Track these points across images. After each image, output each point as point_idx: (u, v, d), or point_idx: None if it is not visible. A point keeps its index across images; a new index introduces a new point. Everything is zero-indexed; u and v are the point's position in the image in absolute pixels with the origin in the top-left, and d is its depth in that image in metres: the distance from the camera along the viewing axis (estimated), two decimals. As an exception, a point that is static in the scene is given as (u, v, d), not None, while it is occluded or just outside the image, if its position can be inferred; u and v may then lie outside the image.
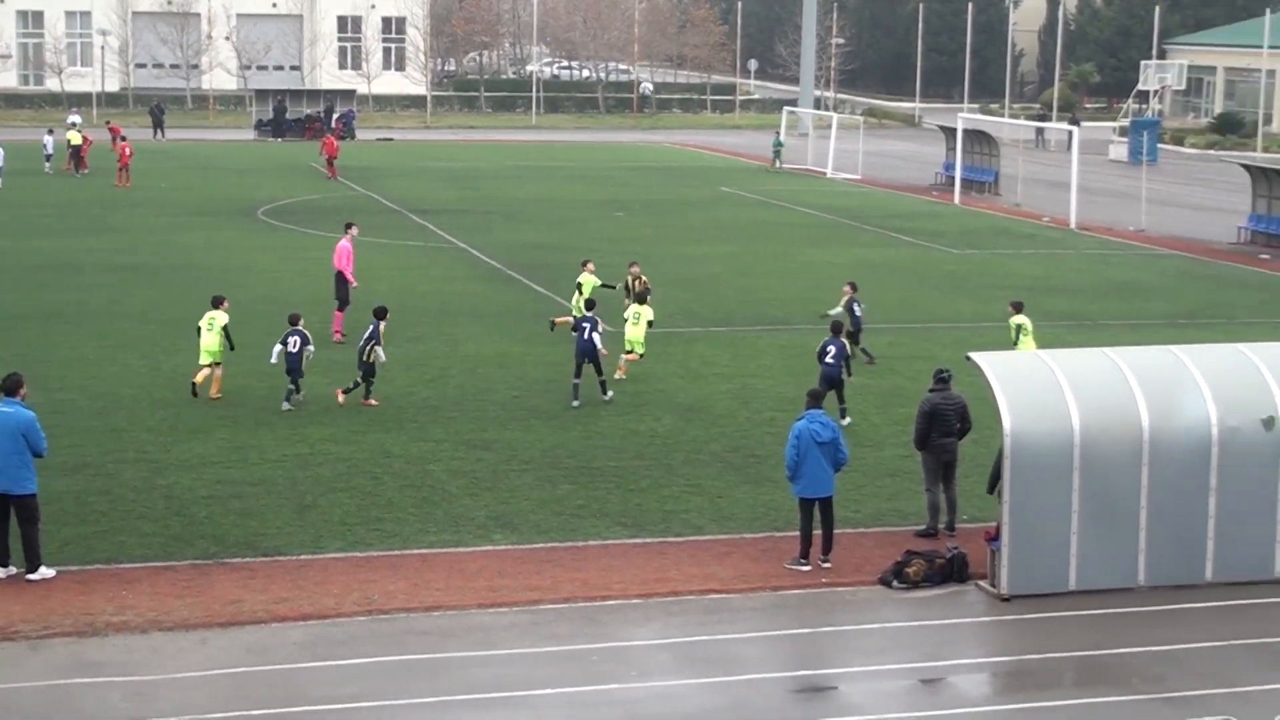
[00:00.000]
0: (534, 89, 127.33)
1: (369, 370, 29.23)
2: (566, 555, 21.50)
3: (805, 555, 21.12)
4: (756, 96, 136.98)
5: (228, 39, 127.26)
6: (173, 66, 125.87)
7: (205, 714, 16.44)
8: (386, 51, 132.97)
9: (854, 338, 32.42)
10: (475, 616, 19.30)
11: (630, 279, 35.09)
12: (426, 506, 23.36)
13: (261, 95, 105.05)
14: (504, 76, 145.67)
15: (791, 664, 18.60)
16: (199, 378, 29.59)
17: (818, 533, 21.18)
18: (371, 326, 29.44)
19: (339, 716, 16.59)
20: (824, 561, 21.16)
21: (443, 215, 59.41)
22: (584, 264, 35.53)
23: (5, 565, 20.15)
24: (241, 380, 30.77)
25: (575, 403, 29.36)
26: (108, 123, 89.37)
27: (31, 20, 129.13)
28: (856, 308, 33.66)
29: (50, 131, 76.84)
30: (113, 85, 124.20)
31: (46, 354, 32.90)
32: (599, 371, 29.71)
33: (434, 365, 32.61)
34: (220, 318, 29.87)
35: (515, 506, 23.47)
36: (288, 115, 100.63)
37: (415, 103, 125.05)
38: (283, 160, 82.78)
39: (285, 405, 28.76)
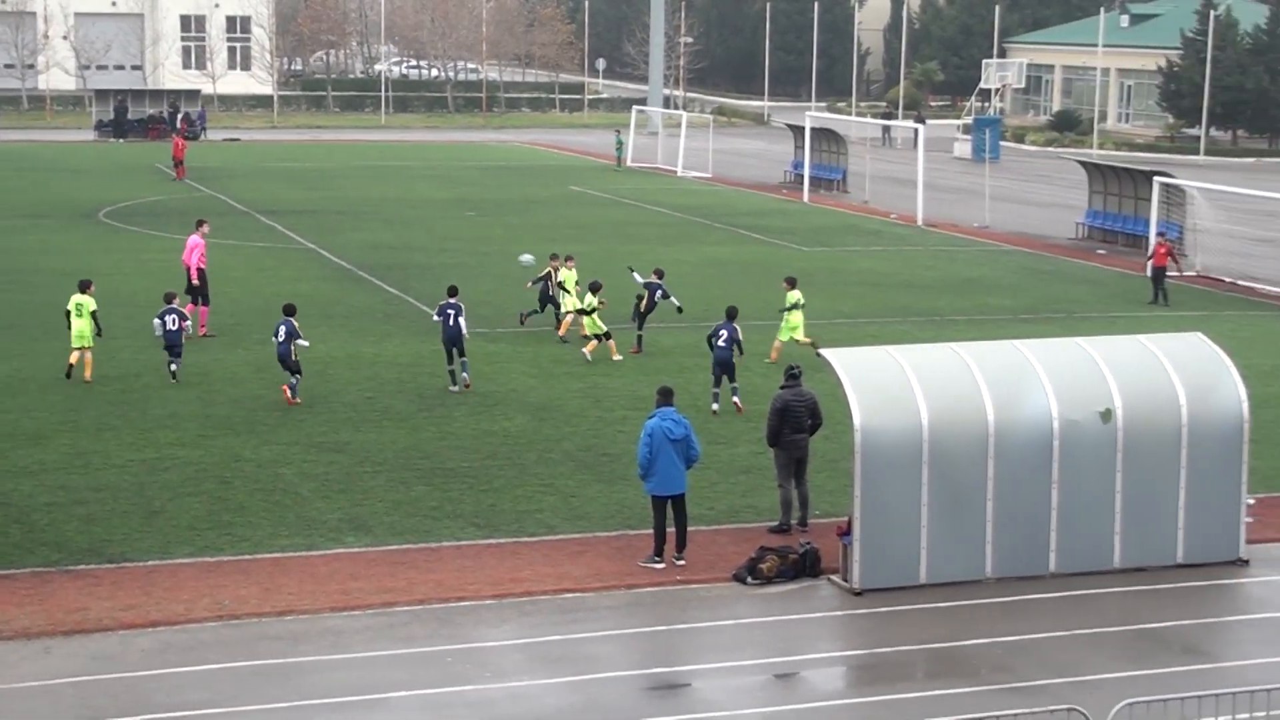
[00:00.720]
0: (383, 88, 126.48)
1: (297, 368, 29.25)
2: (420, 557, 21.39)
3: (659, 553, 21.18)
4: (605, 95, 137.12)
5: (65, 38, 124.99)
6: (7, 66, 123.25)
7: (50, 725, 16.15)
8: (231, 51, 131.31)
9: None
10: (328, 620, 19.14)
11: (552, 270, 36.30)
12: (278, 510, 23.11)
13: (102, 95, 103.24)
14: (352, 76, 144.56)
15: (646, 662, 18.64)
16: (73, 359, 30.34)
17: (671, 530, 21.24)
18: (285, 324, 29.31)
19: (189, 724, 16.37)
20: (678, 559, 21.23)
21: (291, 216, 58.81)
22: (567, 260, 36.41)
23: None
24: (83, 385, 30.23)
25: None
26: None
27: None
28: (657, 294, 34.68)
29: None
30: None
31: (-119, 360, 32.11)
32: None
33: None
34: (88, 303, 30.61)
35: (368, 509, 23.31)
36: (130, 116, 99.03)
37: (262, 102, 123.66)
38: (125, 161, 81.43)
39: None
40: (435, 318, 31.07)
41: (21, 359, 32.45)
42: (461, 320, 30.40)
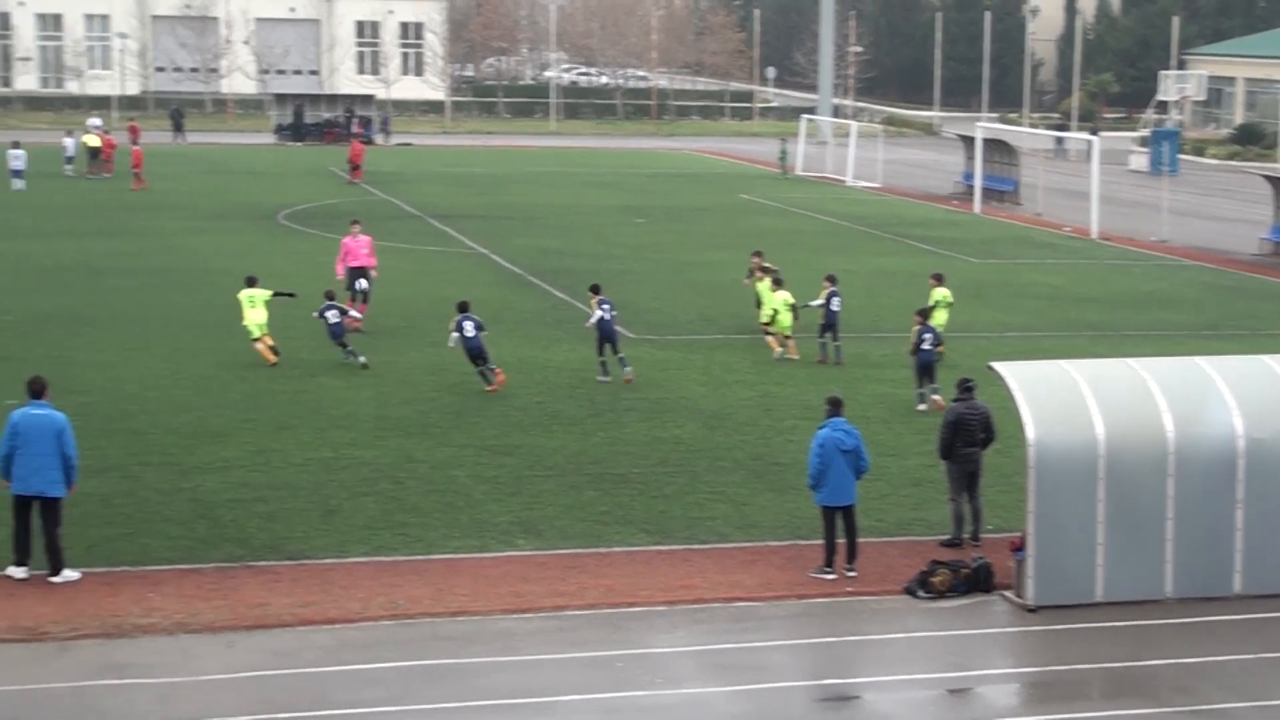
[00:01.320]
0: (553, 95, 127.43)
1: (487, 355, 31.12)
2: (591, 561, 21.49)
3: (830, 563, 21.09)
4: (775, 104, 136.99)
5: (246, 43, 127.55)
6: (192, 70, 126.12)
7: (231, 716, 16.46)
8: (405, 56, 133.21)
9: (829, 331, 34.18)
10: (500, 622, 19.30)
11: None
12: (451, 512, 23.36)
13: (281, 99, 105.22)
14: (523, 82, 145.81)
15: (817, 672, 18.57)
16: (260, 349, 32.22)
17: (841, 541, 21.15)
18: (469, 319, 30.87)
19: (365, 721, 16.61)
20: (849, 570, 21.13)
21: (462, 220, 59.45)
22: (764, 268, 36.89)
23: (25, 565, 20.16)
24: (263, 383, 30.85)
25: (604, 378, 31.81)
26: (129, 123, 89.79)
27: (50, 23, 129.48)
28: (834, 302, 34.23)
29: (70, 134, 77.07)
30: (133, 88, 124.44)
31: (70, 356, 32.96)
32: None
33: (456, 370, 32.58)
34: (260, 292, 32.71)
35: (539, 512, 23.47)
36: (307, 120, 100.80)
37: (434, 108, 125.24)
38: (302, 164, 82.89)
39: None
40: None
41: (206, 358, 33.16)
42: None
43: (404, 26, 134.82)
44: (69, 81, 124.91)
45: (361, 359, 32.49)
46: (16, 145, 68.84)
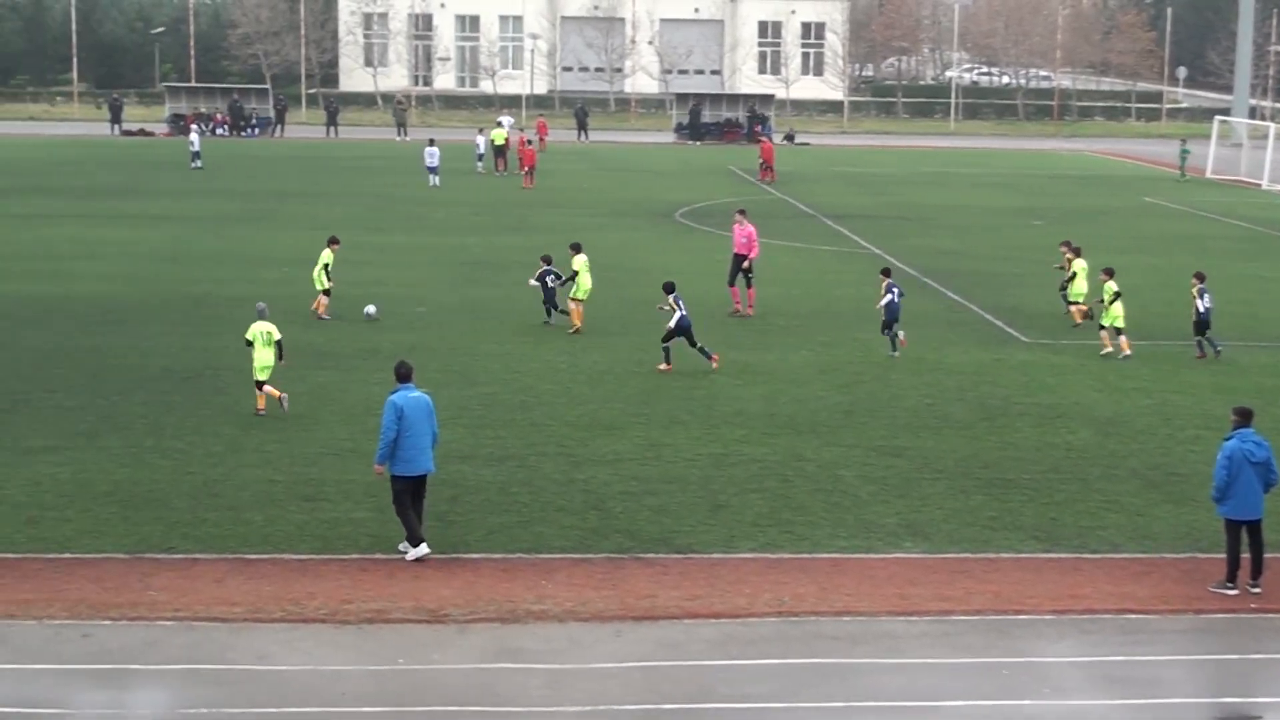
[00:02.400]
0: (953, 95, 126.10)
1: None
2: (979, 566, 21.19)
3: (1232, 579, 20.29)
4: (1185, 105, 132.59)
5: (650, 43, 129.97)
6: (597, 70, 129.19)
7: (618, 705, 16.78)
8: (805, 56, 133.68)
9: (1205, 329, 34.68)
10: (885, 623, 19.19)
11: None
12: (837, 511, 23.34)
13: (681, 99, 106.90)
14: (922, 82, 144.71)
15: (1214, 690, 17.89)
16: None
17: (1246, 556, 20.34)
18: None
19: (748, 716, 16.71)
20: (1253, 586, 20.29)
21: (856, 220, 59.36)
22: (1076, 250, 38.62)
23: (417, 545, 20.93)
24: (656, 379, 31.38)
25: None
26: (538, 120, 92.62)
27: (469, 24, 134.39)
28: (1206, 299, 34.42)
29: (481, 132, 79.89)
30: (541, 88, 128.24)
31: (473, 347, 34.16)
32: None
33: (847, 370, 32.60)
34: (581, 260, 36.33)
35: (926, 515, 23.26)
36: (706, 119, 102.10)
37: (832, 108, 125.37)
38: (701, 163, 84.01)
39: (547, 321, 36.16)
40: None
41: (600, 352, 33.91)
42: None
43: (805, 27, 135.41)
44: (483, 81, 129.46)
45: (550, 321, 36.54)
46: (432, 143, 71.74)
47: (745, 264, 38.66)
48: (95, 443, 25.84)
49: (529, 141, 74.15)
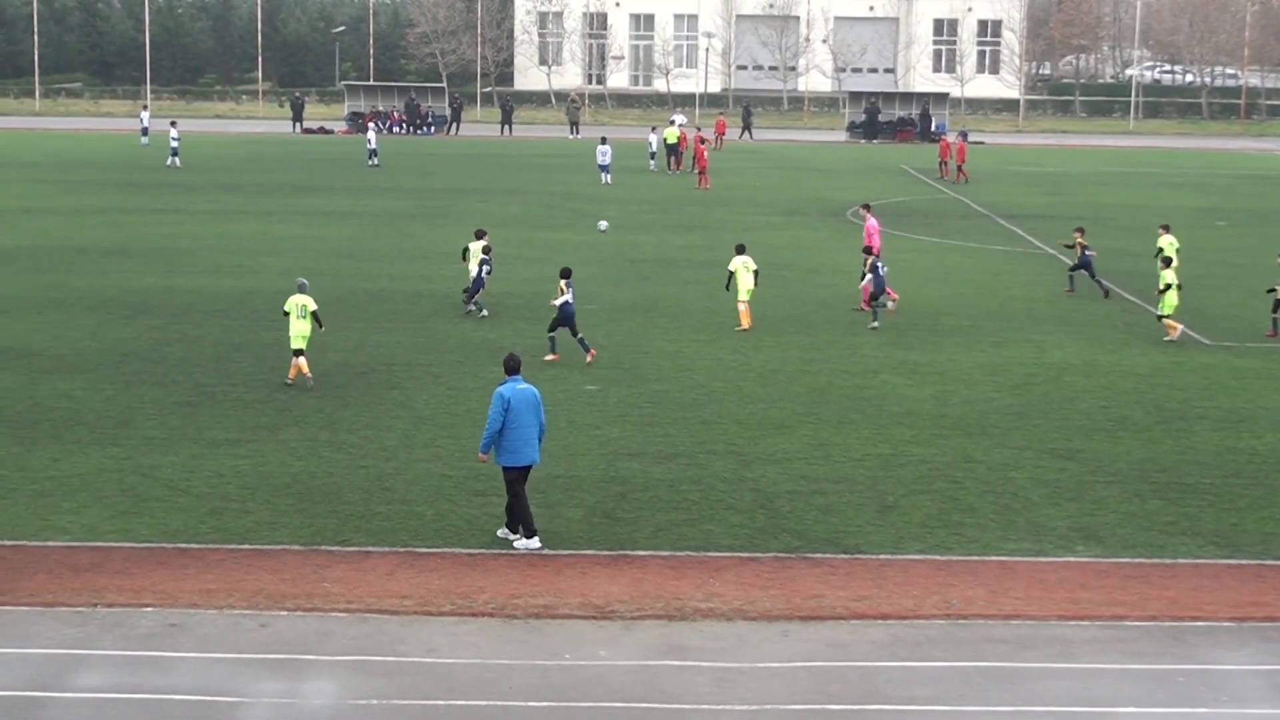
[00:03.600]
0: (1133, 93, 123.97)
1: None
2: (1154, 572, 20.82)
3: None
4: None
5: (825, 41, 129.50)
6: (771, 68, 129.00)
7: (785, 704, 16.75)
8: (980, 54, 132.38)
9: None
10: (1055, 628, 18.93)
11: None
12: (1007, 514, 23.08)
13: (855, 97, 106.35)
14: (1101, 81, 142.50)
15: (1398, 705, 17.39)
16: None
17: None
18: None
19: (914, 718, 16.58)
20: None
21: (1031, 220, 58.62)
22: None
23: (532, 536, 21.14)
24: (826, 378, 31.27)
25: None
26: (718, 118, 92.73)
27: (643, 23, 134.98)
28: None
29: (654, 130, 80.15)
30: (714, 87, 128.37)
31: (645, 345, 34.30)
32: None
33: (1018, 371, 32.22)
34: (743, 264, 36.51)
35: (1100, 519, 22.90)
36: (880, 118, 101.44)
37: (1007, 106, 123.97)
38: (874, 162, 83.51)
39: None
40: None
41: (771, 350, 33.89)
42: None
43: (982, 24, 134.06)
44: (656, 79, 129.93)
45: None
46: (604, 141, 72.14)
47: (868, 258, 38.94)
48: (275, 435, 26.38)
49: (704, 140, 74.20)
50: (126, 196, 62.65)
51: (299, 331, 29.84)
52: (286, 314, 30.08)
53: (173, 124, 79.01)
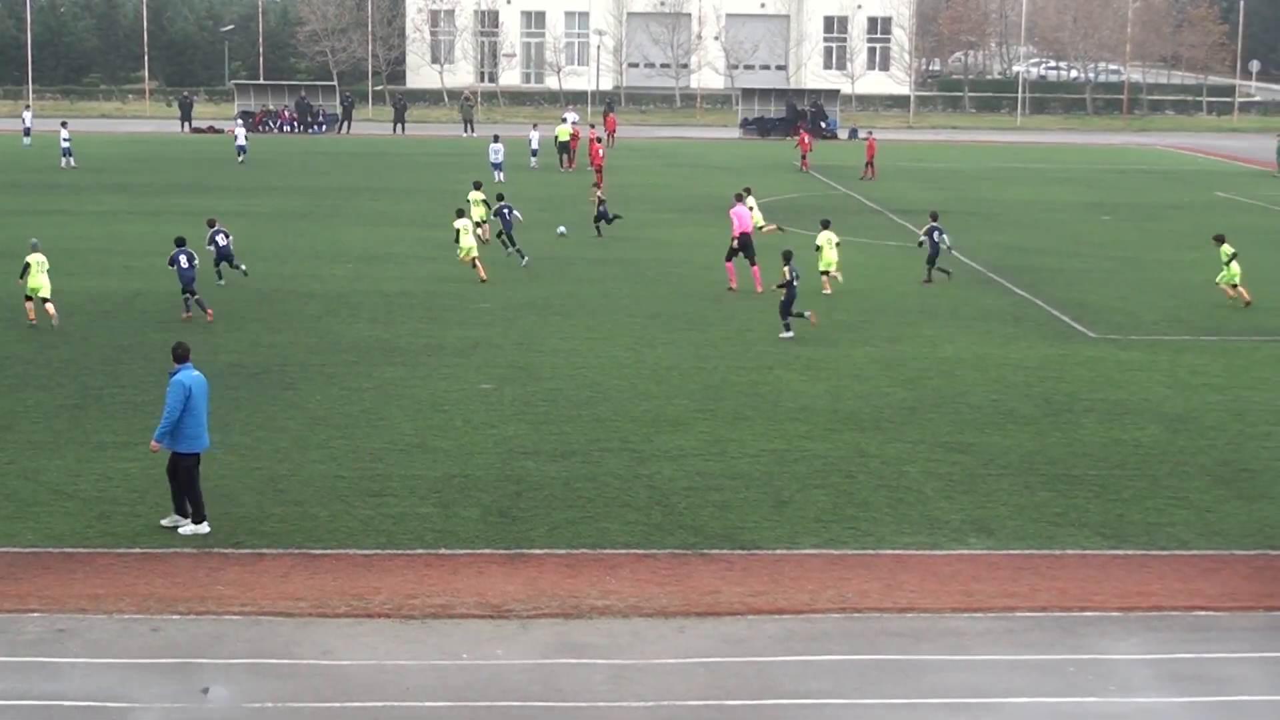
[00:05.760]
0: (1020, 89, 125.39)
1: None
2: (1044, 563, 21.06)
3: (1300, 577, 20.12)
4: (1258, 99, 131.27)
5: (716, 39, 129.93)
6: (663, 66, 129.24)
7: (682, 700, 16.77)
8: (871, 51, 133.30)
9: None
10: (949, 620, 19.10)
11: None
12: (901, 508, 23.26)
13: (747, 94, 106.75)
14: (989, 77, 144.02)
15: (1283, 689, 17.71)
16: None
17: (1314, 555, 20.14)
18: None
19: (811, 712, 16.67)
20: (1321, 585, 20.12)
21: (922, 216, 58.91)
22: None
23: (201, 521, 21.43)
24: (721, 374, 31.36)
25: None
26: (607, 116, 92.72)
27: (534, 21, 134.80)
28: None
29: (535, 127, 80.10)
30: (606, 84, 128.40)
31: (539, 343, 34.24)
32: None
33: (911, 366, 32.48)
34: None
35: (991, 511, 23.14)
36: (770, 115, 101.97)
37: (898, 103, 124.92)
38: (765, 159, 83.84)
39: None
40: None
41: (665, 348, 33.93)
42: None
43: (872, 21, 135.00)
44: (549, 77, 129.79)
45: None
46: (497, 139, 71.96)
47: (734, 242, 41.52)
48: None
49: (599, 139, 74.10)
50: (8, 198, 61.75)
51: (42, 284, 34.74)
52: (27, 266, 34.73)
53: (63, 124, 77.88)
